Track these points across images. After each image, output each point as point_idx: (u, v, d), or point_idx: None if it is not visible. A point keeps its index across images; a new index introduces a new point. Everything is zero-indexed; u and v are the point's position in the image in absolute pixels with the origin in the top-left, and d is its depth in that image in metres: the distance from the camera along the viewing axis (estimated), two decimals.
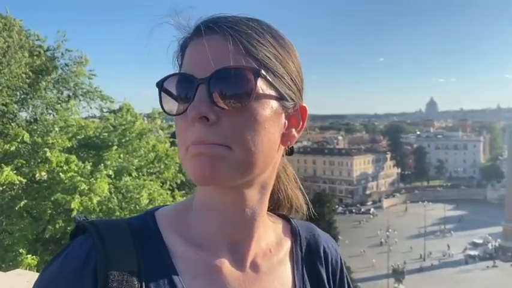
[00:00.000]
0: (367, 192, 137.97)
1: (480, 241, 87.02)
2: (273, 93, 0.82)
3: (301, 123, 0.99)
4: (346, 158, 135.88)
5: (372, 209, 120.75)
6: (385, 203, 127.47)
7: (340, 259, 1.07)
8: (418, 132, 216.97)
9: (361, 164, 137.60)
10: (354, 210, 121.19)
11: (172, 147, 13.65)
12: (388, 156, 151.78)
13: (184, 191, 14.90)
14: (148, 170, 12.46)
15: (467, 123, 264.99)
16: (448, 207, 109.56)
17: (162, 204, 7.59)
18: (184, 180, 13.62)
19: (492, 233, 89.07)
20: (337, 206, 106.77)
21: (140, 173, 12.08)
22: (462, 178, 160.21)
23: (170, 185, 12.74)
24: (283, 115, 0.88)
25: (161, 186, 12.05)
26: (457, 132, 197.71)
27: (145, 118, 14.27)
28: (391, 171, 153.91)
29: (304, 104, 0.98)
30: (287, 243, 1.00)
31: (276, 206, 1.10)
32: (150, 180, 11.12)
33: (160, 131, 15.17)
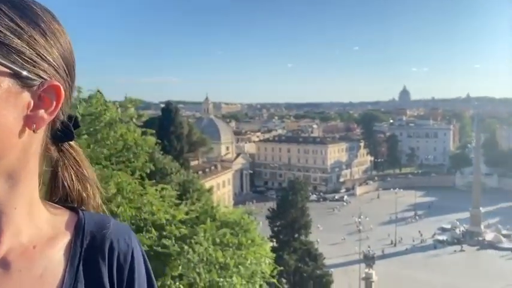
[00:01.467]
0: (341, 179, 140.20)
1: (448, 226, 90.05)
2: (2, 69, 0.71)
3: (54, 104, 0.80)
4: (321, 146, 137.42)
5: (346, 197, 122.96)
6: (358, 190, 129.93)
7: (132, 254, 0.95)
8: (391, 121, 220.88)
9: (336, 152, 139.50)
10: (327, 198, 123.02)
11: (143, 136, 13.56)
12: (362, 144, 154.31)
13: (155, 180, 14.87)
14: (117, 159, 12.37)
15: (438, 112, 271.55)
16: (418, 194, 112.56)
17: (130, 193, 7.70)
18: (154, 169, 13.56)
19: (460, 219, 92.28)
20: (311, 194, 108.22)
21: (109, 162, 11.99)
22: (433, 166, 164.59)
23: (140, 174, 12.69)
24: (26, 94, 0.77)
25: (131, 176, 11.99)
26: (429, 120, 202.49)
27: (117, 107, 14.11)
28: (364, 159, 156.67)
29: (56, 83, 0.79)
30: (66, 238, 0.90)
31: (63, 197, 0.98)
32: (119, 170, 11.06)
33: (133, 120, 15.07)
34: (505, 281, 62.12)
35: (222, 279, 11.50)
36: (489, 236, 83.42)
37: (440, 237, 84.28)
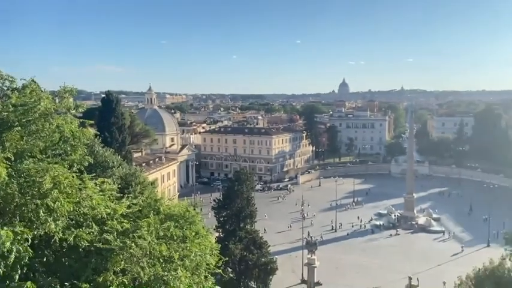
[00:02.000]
0: (285, 169, 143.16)
1: (385, 212, 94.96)
2: None
3: None
4: (266, 137, 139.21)
5: (289, 185, 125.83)
6: (301, 179, 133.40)
7: None
8: (331, 112, 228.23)
9: (280, 143, 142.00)
10: (272, 187, 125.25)
11: (81, 128, 13.02)
12: (304, 135, 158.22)
13: (95, 174, 14.38)
14: (53, 152, 11.82)
15: (375, 104, 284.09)
16: (357, 182, 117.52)
17: (68, 188, 7.42)
18: (94, 162, 13.08)
19: (395, 204, 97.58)
20: (256, 183, 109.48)
21: (44, 155, 11.44)
22: (370, 154, 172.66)
23: (78, 168, 12.21)
24: None
25: (68, 169, 11.51)
26: (366, 112, 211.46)
27: (53, 96, 13.37)
28: (306, 149, 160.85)
29: None
30: None
31: None
32: (55, 163, 10.58)
33: (70, 111, 14.35)
34: (436, 261, 66.77)
35: (166, 273, 11.43)
36: (421, 220, 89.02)
37: (377, 222, 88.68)
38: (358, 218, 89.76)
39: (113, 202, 12.40)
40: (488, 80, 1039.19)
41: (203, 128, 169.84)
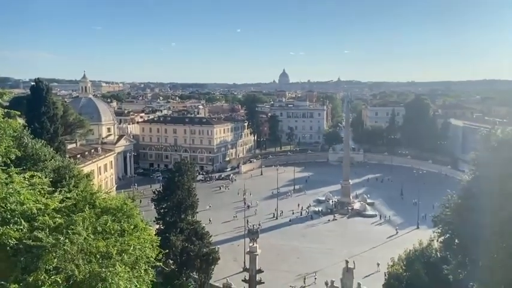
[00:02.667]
0: (227, 159, 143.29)
1: (323, 198, 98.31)
2: None
3: None
4: (207, 127, 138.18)
5: (231, 175, 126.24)
6: (243, 168, 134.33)
7: None
8: (272, 102, 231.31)
9: (221, 133, 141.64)
10: (214, 177, 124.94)
11: (5, 118, 12.17)
12: (246, 124, 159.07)
13: (25, 167, 13.54)
14: None
15: (314, 94, 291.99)
16: (297, 170, 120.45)
17: None
18: (22, 155, 12.29)
19: (333, 191, 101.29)
20: (198, 174, 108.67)
21: None
22: (309, 143, 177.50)
23: (4, 161, 11.42)
24: None
25: None
26: (305, 102, 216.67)
27: None
28: (248, 138, 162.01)
29: None
30: None
31: None
32: None
33: None
34: (371, 244, 70.40)
35: (104, 269, 11.06)
36: (357, 205, 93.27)
37: (316, 209, 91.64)
38: (299, 205, 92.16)
39: (44, 197, 11.76)
40: (417, 71, 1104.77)
41: (141, 117, 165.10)
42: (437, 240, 33.21)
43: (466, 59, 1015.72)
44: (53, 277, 9.85)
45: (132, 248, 12.55)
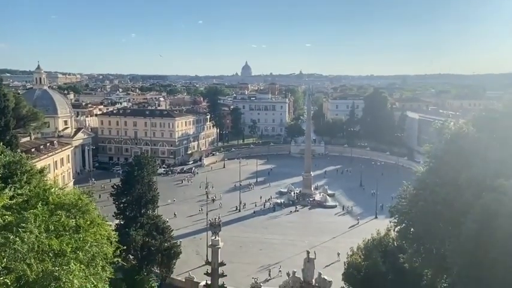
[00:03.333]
0: (189, 152, 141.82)
1: (285, 190, 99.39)
2: None
3: None
4: (168, 119, 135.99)
5: (194, 168, 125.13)
6: (206, 161, 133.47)
7: None
8: (234, 95, 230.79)
9: (183, 125, 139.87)
10: (176, 170, 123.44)
11: None
12: (208, 117, 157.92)
13: None
14: None
15: (276, 87, 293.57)
16: (260, 162, 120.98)
17: None
18: None
19: (294, 183, 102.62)
20: (159, 167, 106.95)
21: None
22: (271, 136, 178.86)
23: None
24: None
25: None
26: (268, 94, 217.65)
27: None
28: (210, 131, 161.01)
29: None
30: None
31: None
32: None
33: None
34: (332, 234, 72.02)
35: (57, 268, 10.65)
36: (318, 196, 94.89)
37: (279, 200, 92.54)
38: (261, 197, 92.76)
39: None
40: (376, 65, 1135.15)
41: (100, 110, 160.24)
42: (394, 230, 34.35)
43: (422, 53, 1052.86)
44: (1, 278, 9.39)
45: (88, 244, 12.16)
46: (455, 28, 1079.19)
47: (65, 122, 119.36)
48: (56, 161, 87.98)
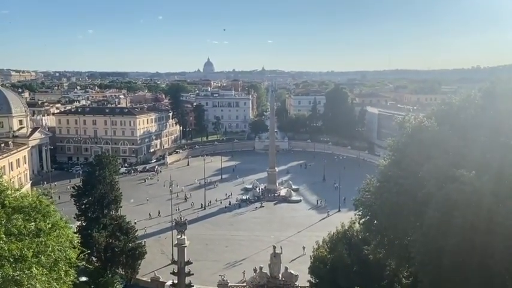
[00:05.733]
0: (151, 150, 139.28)
1: (250, 186, 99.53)
2: None
3: None
4: (129, 117, 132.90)
5: (157, 166, 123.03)
6: (169, 159, 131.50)
7: None
8: (197, 91, 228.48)
9: (145, 123, 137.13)
10: (138, 169, 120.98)
11: None
12: (171, 114, 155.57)
13: None
14: None
15: (239, 83, 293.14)
16: (224, 159, 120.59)
17: None
18: None
19: (259, 178, 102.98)
20: (121, 166, 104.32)
21: None
22: (235, 132, 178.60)
23: None
24: None
25: None
26: (231, 91, 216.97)
27: None
28: (173, 128, 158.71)
29: None
30: None
31: None
32: None
33: None
34: (298, 228, 72.85)
35: (18, 273, 10.16)
36: (283, 191, 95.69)
37: (244, 197, 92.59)
38: (226, 194, 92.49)
39: None
40: (336, 62, 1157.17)
41: (57, 108, 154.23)
42: (358, 223, 35.08)
43: (380, 50, 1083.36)
44: None
45: (50, 248, 11.60)
46: (411, 25, 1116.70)
47: (20, 122, 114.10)
48: (11, 162, 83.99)
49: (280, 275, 44.66)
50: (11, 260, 10.47)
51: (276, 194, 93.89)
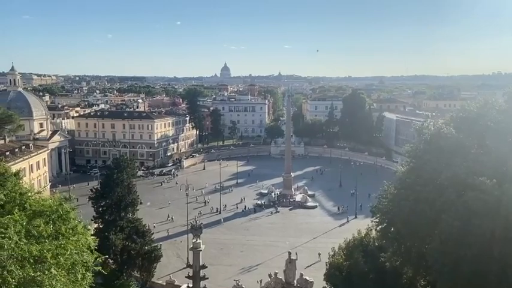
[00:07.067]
0: (168, 154, 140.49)
1: (265, 191, 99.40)
2: None
3: None
4: (147, 121, 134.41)
5: (173, 170, 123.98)
6: (185, 163, 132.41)
7: None
8: (214, 96, 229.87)
9: (162, 127, 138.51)
10: (155, 172, 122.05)
11: None
12: (188, 118, 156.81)
13: None
14: None
15: (255, 88, 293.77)
16: (240, 164, 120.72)
17: None
18: None
19: (275, 184, 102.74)
20: (138, 170, 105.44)
21: None
22: (251, 137, 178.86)
23: None
24: None
25: None
26: (247, 96, 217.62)
27: None
28: (190, 132, 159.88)
29: None
30: None
31: None
32: None
33: None
34: (313, 234, 72.34)
35: (39, 273, 10.36)
36: (298, 197, 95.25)
37: (259, 202, 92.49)
38: (241, 198, 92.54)
39: None
40: (353, 67, 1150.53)
41: (77, 112, 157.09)
42: (375, 230, 34.64)
43: (399, 55, 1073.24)
44: None
45: (69, 251, 11.81)
46: (429, 30, 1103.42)
47: (41, 125, 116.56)
48: (31, 165, 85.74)
49: (295, 281, 44.32)
50: (31, 261, 10.69)
51: (291, 200, 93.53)
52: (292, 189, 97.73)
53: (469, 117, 27.45)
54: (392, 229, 30.18)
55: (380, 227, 31.66)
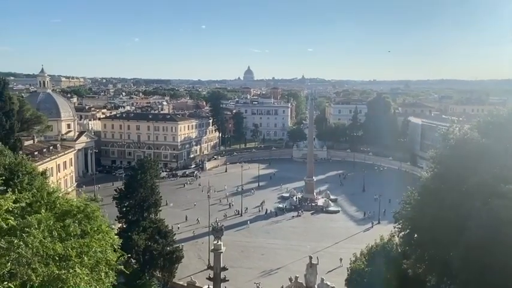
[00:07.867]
0: (191, 155, 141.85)
1: (287, 195, 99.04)
2: None
3: None
4: (171, 123, 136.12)
5: (196, 172, 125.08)
6: (208, 165, 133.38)
7: None
8: (236, 99, 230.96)
9: (186, 129, 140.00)
10: (178, 174, 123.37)
11: None
12: (211, 121, 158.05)
13: None
14: None
15: (278, 91, 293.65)
16: (261, 166, 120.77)
17: None
18: None
19: (297, 187, 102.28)
20: (161, 171, 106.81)
21: None
22: (273, 140, 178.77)
23: None
24: None
25: None
26: (270, 99, 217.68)
27: None
28: (213, 135, 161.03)
29: None
30: None
31: None
32: None
33: None
34: (335, 239, 71.62)
35: (63, 271, 10.58)
36: (320, 201, 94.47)
37: (281, 205, 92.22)
38: (263, 201, 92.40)
39: None
40: (378, 70, 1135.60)
41: (103, 113, 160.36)
42: (397, 236, 34.07)
43: (425, 59, 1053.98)
44: (6, 283, 9.30)
45: (93, 250, 12.06)
46: (457, 34, 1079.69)
47: (68, 126, 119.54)
48: (58, 164, 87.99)
49: (316, 286, 43.98)
50: (56, 259, 10.94)
51: (313, 204, 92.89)
52: (314, 193, 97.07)
53: (497, 122, 26.70)
54: (416, 236, 29.60)
55: (403, 233, 31.09)
